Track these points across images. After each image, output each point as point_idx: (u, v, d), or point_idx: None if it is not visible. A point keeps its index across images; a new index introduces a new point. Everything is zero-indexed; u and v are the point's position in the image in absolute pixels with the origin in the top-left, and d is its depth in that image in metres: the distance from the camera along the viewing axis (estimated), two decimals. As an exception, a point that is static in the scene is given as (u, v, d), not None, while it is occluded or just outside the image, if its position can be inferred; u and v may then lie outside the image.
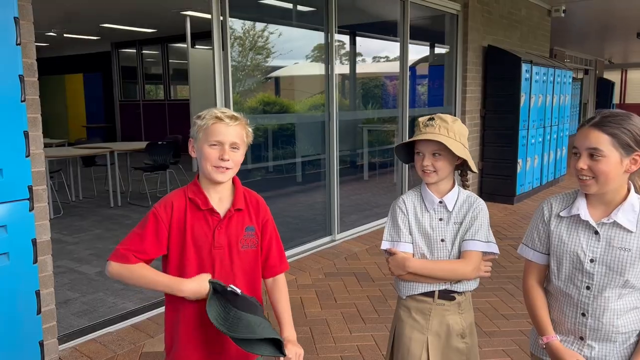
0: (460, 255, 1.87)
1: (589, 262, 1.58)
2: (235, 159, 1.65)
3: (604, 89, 19.82)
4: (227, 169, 1.64)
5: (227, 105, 4.06)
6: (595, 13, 10.08)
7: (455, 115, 7.07)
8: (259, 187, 5.21)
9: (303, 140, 5.57)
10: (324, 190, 5.32)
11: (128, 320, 3.43)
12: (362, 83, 7.46)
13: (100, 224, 6.06)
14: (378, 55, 7.34)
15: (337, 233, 5.29)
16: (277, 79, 6.12)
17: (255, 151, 5.23)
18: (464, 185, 1.95)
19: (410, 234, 1.90)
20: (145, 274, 1.61)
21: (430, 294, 1.88)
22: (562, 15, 8.77)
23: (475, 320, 2.02)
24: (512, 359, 3.07)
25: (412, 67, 7.16)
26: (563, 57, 14.97)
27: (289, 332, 1.76)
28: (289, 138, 5.51)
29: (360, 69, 7.25)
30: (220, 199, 1.69)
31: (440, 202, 1.89)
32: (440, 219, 1.89)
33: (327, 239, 5.22)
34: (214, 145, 1.62)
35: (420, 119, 1.88)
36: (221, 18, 3.98)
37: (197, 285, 1.60)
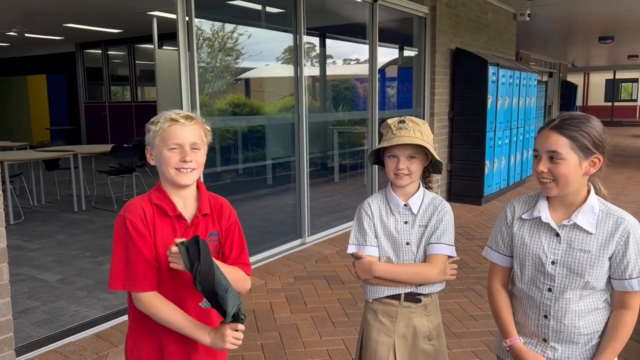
0: (426, 258, 1.87)
1: (550, 264, 1.59)
2: (198, 159, 1.60)
3: (568, 92, 20.34)
4: (191, 170, 1.59)
5: (193, 107, 3.98)
6: (559, 17, 10.33)
7: (424, 118, 7.15)
8: (229, 190, 5.17)
9: (273, 143, 5.52)
10: (294, 192, 5.28)
11: (91, 329, 3.32)
12: (333, 85, 7.46)
13: (63, 229, 5.88)
14: (348, 58, 7.35)
15: (308, 236, 5.25)
16: (247, 80, 6.05)
17: (225, 153, 5.15)
18: (428, 187, 1.95)
19: (376, 238, 1.89)
20: (166, 309, 1.55)
21: (396, 297, 1.88)
22: (527, 19, 8.95)
23: (444, 322, 2.02)
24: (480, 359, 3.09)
25: (382, 70, 7.20)
26: (528, 60, 15.31)
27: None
28: (259, 140, 5.45)
29: (331, 71, 7.25)
30: (185, 204, 1.64)
31: (406, 205, 1.89)
32: (406, 222, 1.89)
33: (297, 242, 5.18)
34: (174, 148, 1.56)
35: (390, 122, 1.86)
36: (187, 18, 3.91)
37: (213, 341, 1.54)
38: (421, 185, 1.93)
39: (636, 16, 10.01)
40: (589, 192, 1.59)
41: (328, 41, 6.86)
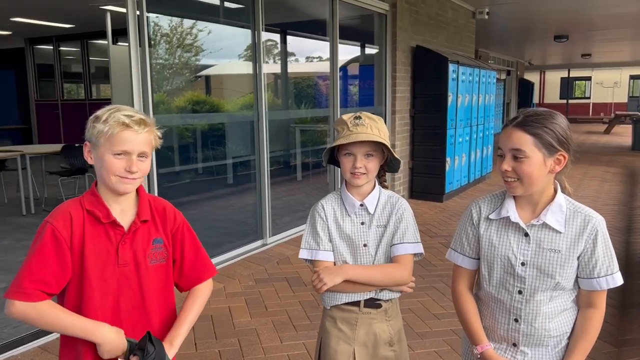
0: (387, 260, 1.79)
1: (520, 265, 1.53)
2: (143, 168, 1.47)
3: (525, 89, 20.86)
4: (134, 179, 1.46)
5: (146, 105, 3.81)
6: (516, 16, 10.51)
7: (385, 115, 7.09)
8: (187, 190, 5.00)
9: (233, 141, 5.37)
10: (255, 192, 5.15)
11: (35, 342, 3.12)
12: (295, 83, 7.35)
13: (9, 234, 5.56)
14: (309, 55, 7.26)
15: (269, 236, 5.13)
16: (206, 78, 5.87)
17: (183, 153, 4.98)
18: (383, 185, 1.88)
19: (331, 241, 1.80)
20: (57, 315, 1.40)
21: (356, 303, 1.79)
22: (486, 17, 9.06)
23: (406, 322, 1.96)
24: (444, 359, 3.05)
25: (344, 67, 7.13)
26: (487, 59, 15.56)
27: (177, 331, 1.56)
28: (219, 139, 5.29)
29: (292, 68, 7.13)
30: (122, 210, 1.50)
31: (362, 205, 1.80)
32: (362, 223, 1.80)
33: (258, 243, 5.05)
34: (119, 155, 1.43)
35: (345, 118, 1.77)
36: (138, 13, 3.74)
37: (117, 337, 1.42)
38: (376, 183, 1.85)
39: (590, 15, 10.28)
40: (555, 190, 1.54)
41: (289, 38, 6.74)
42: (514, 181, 1.49)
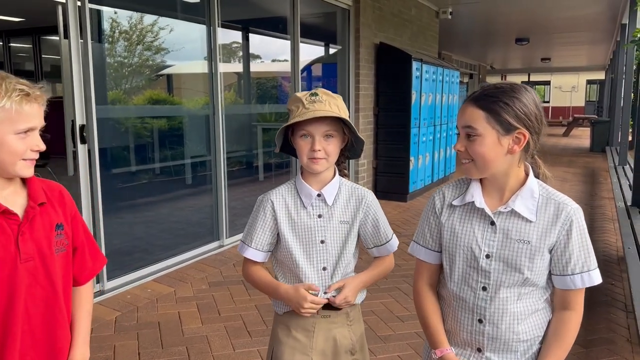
0: (353, 259, 1.64)
1: (484, 257, 1.34)
2: (43, 145, 1.27)
3: (487, 93, 21.11)
4: (35, 159, 1.25)
5: (88, 101, 3.52)
6: (479, 17, 10.55)
7: (349, 113, 6.95)
8: (142, 191, 4.71)
9: (190, 140, 5.10)
10: (212, 192, 4.89)
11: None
12: (256, 81, 7.11)
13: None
14: (270, 53, 7.03)
15: (226, 238, 4.88)
16: (160, 76, 5.58)
17: (138, 153, 4.69)
18: (342, 174, 1.66)
19: (279, 238, 1.61)
20: None
21: None
22: (449, 17, 9.03)
23: (369, 325, 1.78)
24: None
25: (308, 66, 6.95)
26: (450, 61, 15.65)
27: (79, 351, 1.36)
28: (175, 138, 5.01)
29: (253, 67, 6.89)
30: (6, 196, 1.25)
31: (319, 195, 1.59)
32: (320, 216, 1.59)
33: (214, 244, 4.79)
34: (22, 134, 1.20)
35: (300, 95, 1.55)
36: (79, 4, 3.47)
37: None
38: (336, 172, 1.63)
39: (550, 18, 10.41)
40: (527, 174, 1.35)
41: (249, 36, 6.50)
42: (467, 162, 1.32)
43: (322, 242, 1.58)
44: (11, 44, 11.70)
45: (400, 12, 7.67)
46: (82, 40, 3.50)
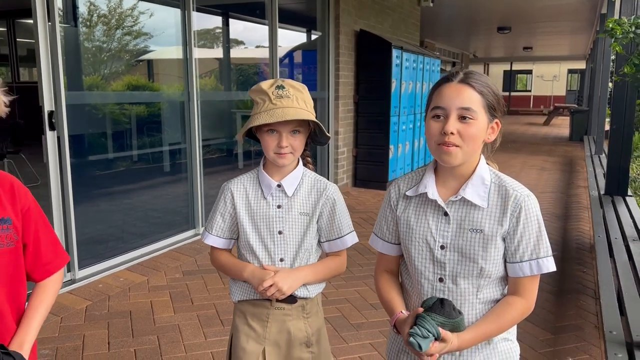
0: (313, 251, 1.63)
1: (439, 249, 1.33)
2: None
3: (470, 81, 21.17)
4: None
5: (57, 86, 3.44)
6: (461, 4, 10.54)
7: (329, 101, 6.85)
8: (116, 179, 4.64)
9: (165, 127, 5.02)
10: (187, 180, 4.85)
11: None
12: (237, 68, 7.01)
13: None
14: (250, 39, 6.94)
15: (202, 226, 4.84)
16: (138, 62, 5.47)
17: (112, 140, 4.60)
18: (306, 164, 1.65)
19: (238, 227, 1.60)
20: None
21: (267, 297, 1.57)
22: (431, 4, 9.00)
23: (342, 313, 1.78)
24: (379, 352, 2.88)
25: (290, 53, 6.88)
26: (433, 49, 15.63)
27: (17, 339, 1.30)
28: (150, 125, 4.93)
29: (231, 53, 6.80)
30: None
31: (279, 185, 1.58)
32: (279, 206, 1.58)
33: (189, 232, 4.76)
34: None
35: (264, 86, 1.52)
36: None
37: None
38: (300, 163, 1.62)
39: (533, 7, 10.44)
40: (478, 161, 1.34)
41: (226, 20, 6.40)
42: (454, 147, 1.26)
43: (280, 232, 1.57)
44: (-15, 28, 11.40)
45: (381, -1, 7.62)
46: (49, 23, 3.41)
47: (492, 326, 1.31)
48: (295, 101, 1.50)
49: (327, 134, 1.60)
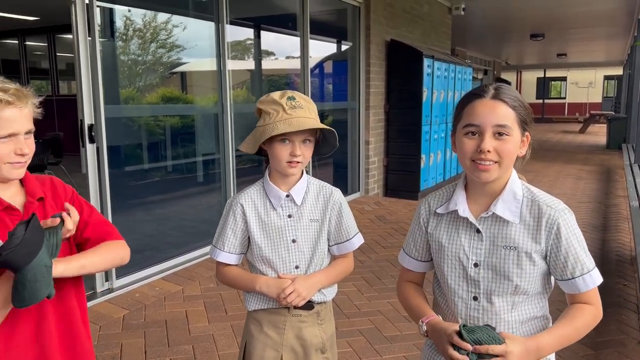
0: (326, 256, 1.67)
1: (472, 267, 1.31)
2: (32, 146, 1.30)
3: (502, 89, 20.86)
4: (26, 162, 1.29)
5: (96, 99, 3.55)
6: (492, 12, 10.43)
7: (359, 111, 6.87)
8: (152, 189, 4.74)
9: (199, 138, 5.12)
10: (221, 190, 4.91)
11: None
12: (268, 79, 7.11)
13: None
14: (281, 50, 7.02)
15: (235, 236, 4.89)
16: (172, 74, 5.60)
17: (149, 151, 4.72)
18: (307, 171, 1.72)
19: (250, 240, 1.64)
20: None
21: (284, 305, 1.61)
22: (462, 13, 8.93)
23: (375, 325, 1.80)
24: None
25: (320, 63, 6.93)
26: (464, 57, 15.50)
27: (60, 264, 1.32)
28: (185, 136, 5.04)
29: (265, 64, 6.90)
30: (11, 195, 1.32)
31: (288, 195, 1.62)
32: (290, 216, 1.62)
33: (223, 242, 4.80)
34: (5, 138, 1.23)
35: (276, 97, 1.55)
36: (87, 2, 3.51)
37: None
38: (304, 171, 1.67)
39: (566, 13, 10.25)
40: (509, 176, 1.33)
41: (258, 33, 6.50)
42: (491, 164, 1.24)
43: (294, 241, 1.61)
44: (27, 43, 11.84)
45: (411, 9, 7.61)
46: (90, 38, 3.52)
47: (568, 329, 1.28)
48: (307, 111, 1.56)
49: (337, 143, 1.64)
